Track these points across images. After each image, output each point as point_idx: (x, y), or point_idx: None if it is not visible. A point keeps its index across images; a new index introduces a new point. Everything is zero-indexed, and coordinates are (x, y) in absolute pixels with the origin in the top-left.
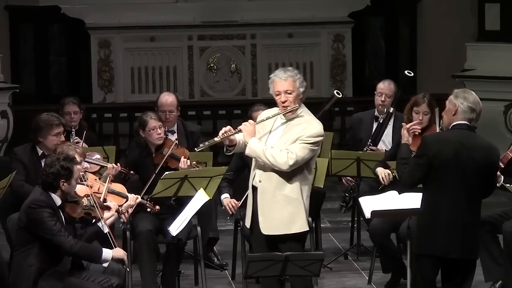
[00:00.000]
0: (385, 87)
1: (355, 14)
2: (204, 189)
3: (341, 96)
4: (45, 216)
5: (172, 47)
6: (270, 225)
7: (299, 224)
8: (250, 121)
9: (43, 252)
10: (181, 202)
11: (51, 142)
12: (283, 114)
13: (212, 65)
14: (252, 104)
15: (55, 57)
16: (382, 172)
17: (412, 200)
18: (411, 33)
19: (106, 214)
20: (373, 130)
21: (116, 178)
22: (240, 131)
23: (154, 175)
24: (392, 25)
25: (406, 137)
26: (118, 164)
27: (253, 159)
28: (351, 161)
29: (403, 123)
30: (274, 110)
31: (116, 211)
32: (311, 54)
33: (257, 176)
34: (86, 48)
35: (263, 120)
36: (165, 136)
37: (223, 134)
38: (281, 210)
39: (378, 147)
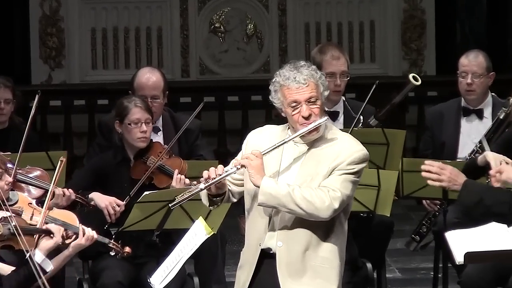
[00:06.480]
0: (470, 63)
1: None
2: (205, 219)
3: (420, 83)
4: None
5: None
6: None
7: None
8: (254, 151)
9: None
10: (169, 239)
11: None
12: (300, 136)
13: (217, 25)
14: None
15: None
16: (494, 158)
17: None
18: None
19: (46, 242)
20: (488, 128)
21: (68, 209)
22: (240, 167)
23: (129, 198)
24: None
25: None
26: (71, 190)
27: (252, 204)
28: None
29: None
30: (278, 129)
31: (63, 238)
32: (372, 10)
33: (273, 237)
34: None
35: (274, 148)
36: (150, 138)
37: (209, 178)
38: (314, 279)
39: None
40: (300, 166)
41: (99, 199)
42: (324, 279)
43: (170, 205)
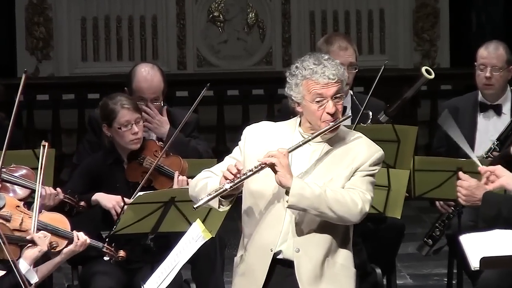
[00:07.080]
0: (489, 55)
1: None
2: (203, 221)
3: (433, 76)
4: None
5: None
6: None
7: None
8: (280, 149)
9: None
10: (164, 243)
11: None
12: (321, 134)
13: (216, 14)
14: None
15: None
16: None
17: None
18: None
19: (31, 251)
20: (507, 125)
21: (56, 210)
22: (266, 166)
23: (121, 208)
24: None
25: None
26: (59, 189)
27: (267, 205)
28: (448, 174)
29: None
30: (284, 125)
31: (50, 247)
32: None
33: (287, 241)
34: None
35: (299, 145)
36: (143, 136)
37: (235, 177)
38: (331, 286)
39: None
40: (315, 165)
41: (106, 199)
42: (341, 287)
43: (194, 206)
